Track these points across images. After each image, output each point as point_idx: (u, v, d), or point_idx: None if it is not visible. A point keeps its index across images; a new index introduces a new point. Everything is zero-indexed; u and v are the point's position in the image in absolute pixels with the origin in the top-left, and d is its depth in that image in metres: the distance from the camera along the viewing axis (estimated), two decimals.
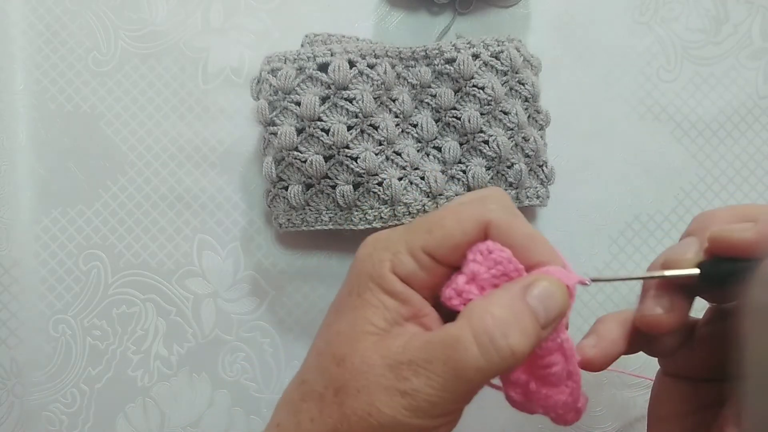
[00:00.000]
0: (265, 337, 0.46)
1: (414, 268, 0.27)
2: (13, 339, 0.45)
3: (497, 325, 0.24)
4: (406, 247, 0.27)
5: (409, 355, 0.25)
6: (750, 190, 0.50)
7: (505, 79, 0.43)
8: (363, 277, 0.27)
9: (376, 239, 0.28)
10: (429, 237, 0.27)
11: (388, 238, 0.28)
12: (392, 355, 0.25)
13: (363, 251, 0.28)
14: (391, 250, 0.27)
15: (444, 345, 0.25)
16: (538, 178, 0.45)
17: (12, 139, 0.47)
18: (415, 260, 0.27)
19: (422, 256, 0.27)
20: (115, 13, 0.49)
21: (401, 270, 0.27)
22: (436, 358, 0.24)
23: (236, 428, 0.46)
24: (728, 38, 0.51)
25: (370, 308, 0.27)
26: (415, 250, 0.27)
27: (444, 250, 0.27)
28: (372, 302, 0.27)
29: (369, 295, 0.27)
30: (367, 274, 0.27)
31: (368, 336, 0.26)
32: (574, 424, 0.40)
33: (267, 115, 0.42)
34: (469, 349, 0.24)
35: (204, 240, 0.47)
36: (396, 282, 0.27)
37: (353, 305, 0.27)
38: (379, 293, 0.27)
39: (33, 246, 0.46)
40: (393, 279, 0.27)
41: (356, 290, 0.27)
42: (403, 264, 0.27)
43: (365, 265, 0.27)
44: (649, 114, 0.50)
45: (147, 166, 0.47)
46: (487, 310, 0.25)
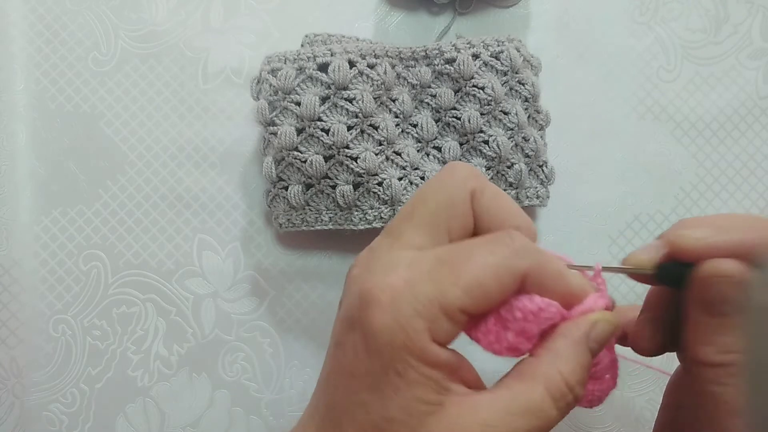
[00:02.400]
0: (265, 337, 0.46)
1: (453, 331, 0.25)
2: (13, 339, 0.45)
3: (570, 382, 0.25)
4: (441, 310, 0.24)
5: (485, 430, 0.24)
6: (750, 190, 0.50)
7: (505, 79, 0.43)
8: (399, 352, 0.24)
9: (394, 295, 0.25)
10: (466, 297, 0.24)
11: (413, 296, 0.24)
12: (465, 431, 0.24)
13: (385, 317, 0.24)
14: (424, 315, 0.24)
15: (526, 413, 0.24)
16: (538, 178, 0.45)
17: (12, 139, 0.47)
18: (453, 323, 0.25)
19: (460, 317, 0.25)
20: (115, 13, 0.49)
21: (442, 337, 0.24)
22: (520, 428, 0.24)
23: (236, 428, 0.46)
24: (728, 38, 0.51)
25: (418, 386, 0.24)
26: (453, 313, 0.24)
27: (482, 308, 0.25)
28: (418, 380, 0.24)
29: (412, 373, 0.24)
30: (404, 349, 0.24)
31: (428, 417, 0.24)
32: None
33: (267, 115, 0.42)
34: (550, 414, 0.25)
35: (204, 240, 0.47)
36: (441, 352, 0.24)
37: (395, 385, 0.24)
38: (423, 368, 0.24)
39: (33, 246, 0.46)
40: (437, 349, 0.24)
41: (394, 368, 0.24)
42: (443, 330, 0.24)
43: (398, 338, 0.24)
44: (649, 114, 0.50)
45: (147, 166, 0.47)
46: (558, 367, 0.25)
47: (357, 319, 0.25)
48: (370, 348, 0.25)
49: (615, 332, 0.27)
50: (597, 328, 0.26)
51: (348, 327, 0.26)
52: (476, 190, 0.27)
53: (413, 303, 0.24)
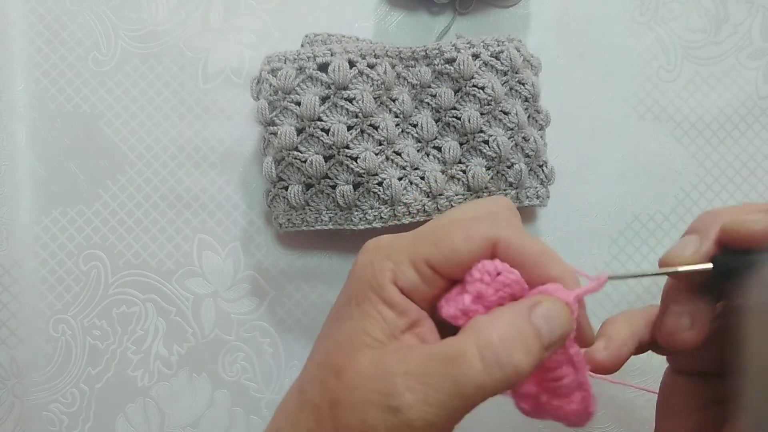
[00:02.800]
0: (265, 337, 0.46)
1: (416, 280, 0.26)
2: (13, 339, 0.45)
3: (502, 342, 0.24)
4: (409, 258, 0.26)
5: (405, 368, 0.24)
6: (750, 190, 0.50)
7: (505, 79, 0.43)
8: (363, 286, 0.27)
9: (377, 245, 0.28)
10: (434, 250, 0.26)
11: (390, 246, 0.27)
12: (388, 369, 0.24)
13: (364, 258, 0.28)
14: (393, 259, 0.27)
15: (445, 359, 0.24)
16: (538, 178, 0.45)
17: (12, 139, 0.47)
18: (417, 272, 0.26)
19: (425, 269, 0.26)
20: (115, 13, 0.49)
21: (403, 281, 0.26)
22: (436, 372, 0.23)
23: (236, 428, 0.46)
24: (728, 38, 0.51)
25: (369, 319, 0.26)
26: (418, 263, 0.26)
27: (449, 266, 0.26)
28: (371, 313, 0.26)
29: (368, 306, 0.26)
30: (367, 283, 0.27)
31: (366, 349, 0.25)
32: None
33: (267, 115, 0.42)
34: (472, 364, 0.23)
35: (204, 240, 0.47)
36: (396, 293, 0.26)
37: (351, 315, 0.27)
38: (379, 304, 0.26)
39: (33, 246, 0.46)
40: (393, 290, 0.26)
41: (355, 299, 0.27)
42: (405, 275, 0.26)
43: (365, 273, 0.27)
44: (649, 114, 0.50)
45: (147, 166, 0.47)
46: (493, 326, 0.24)
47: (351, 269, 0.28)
48: (346, 284, 0.28)
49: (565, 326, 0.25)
50: (543, 306, 0.25)
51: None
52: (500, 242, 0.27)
53: (388, 250, 0.27)
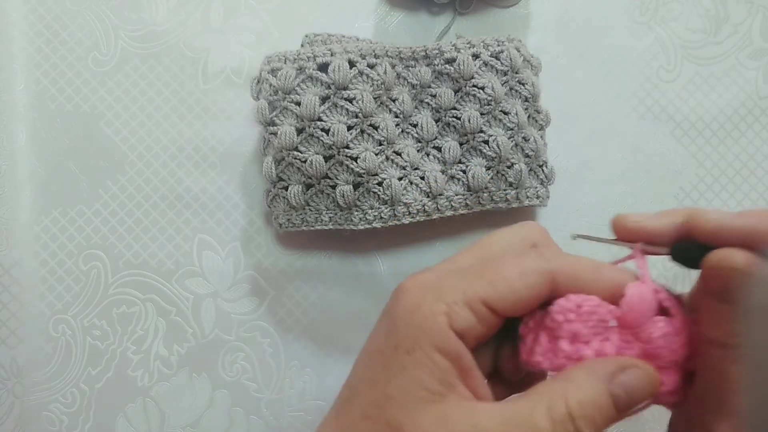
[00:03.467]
0: (265, 337, 0.46)
1: (472, 322, 0.25)
2: (13, 339, 0.45)
3: (576, 417, 0.23)
4: (463, 298, 0.25)
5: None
6: (750, 190, 0.50)
7: (505, 79, 0.43)
8: (413, 331, 0.25)
9: (423, 285, 0.26)
10: (490, 288, 0.25)
11: (440, 286, 0.25)
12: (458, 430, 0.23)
13: (409, 300, 0.26)
14: (445, 300, 0.25)
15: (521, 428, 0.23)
16: (538, 178, 0.45)
17: (12, 139, 0.47)
18: (473, 313, 0.25)
19: (481, 309, 0.25)
20: (115, 13, 0.49)
21: (459, 324, 0.25)
22: None
23: (236, 428, 0.46)
24: (728, 38, 0.51)
25: (423, 369, 0.24)
26: (474, 302, 0.25)
27: (506, 304, 0.25)
28: (425, 362, 0.24)
29: (420, 354, 0.24)
30: (419, 328, 0.24)
31: (425, 404, 0.24)
32: None
33: (267, 115, 0.42)
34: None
35: (204, 240, 0.47)
36: (453, 339, 0.24)
37: (402, 364, 0.25)
38: (433, 352, 0.24)
39: (33, 246, 0.46)
40: (451, 336, 0.24)
41: (404, 346, 0.25)
42: (460, 317, 0.25)
43: (415, 318, 0.25)
44: (649, 114, 0.50)
45: (147, 166, 0.47)
46: (569, 398, 0.24)
47: (387, 307, 0.27)
48: (390, 327, 0.26)
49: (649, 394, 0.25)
50: (627, 374, 0.24)
51: (380, 317, 0.27)
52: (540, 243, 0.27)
53: (437, 291, 0.25)
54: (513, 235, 0.28)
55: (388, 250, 0.47)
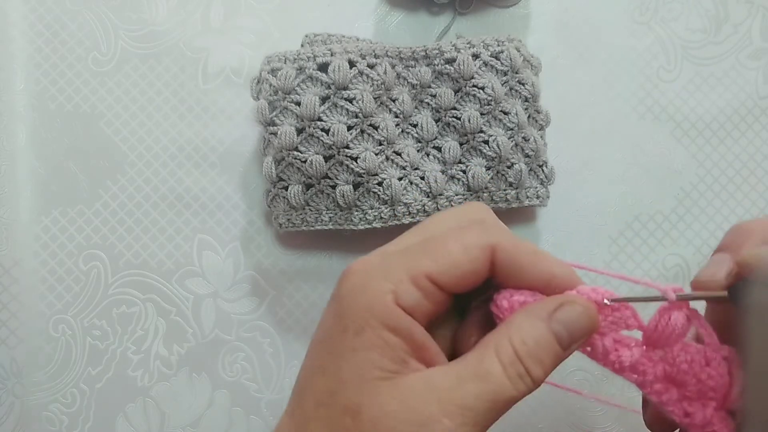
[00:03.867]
0: (265, 337, 0.46)
1: (418, 298, 0.25)
2: (13, 339, 0.45)
3: (523, 357, 0.24)
4: (408, 275, 0.25)
5: (437, 395, 0.23)
6: (750, 190, 0.50)
7: (505, 79, 0.43)
8: (360, 312, 0.25)
9: (367, 267, 0.26)
10: (434, 264, 0.25)
11: (383, 266, 0.25)
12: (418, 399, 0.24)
13: (353, 280, 0.25)
14: (390, 279, 0.25)
15: (475, 378, 0.24)
16: (538, 178, 0.45)
17: (12, 139, 0.47)
18: (419, 289, 0.25)
19: (427, 284, 0.25)
20: (115, 13, 0.49)
21: (405, 300, 0.25)
22: (469, 394, 0.23)
23: (236, 428, 0.46)
24: (728, 38, 0.51)
25: (375, 349, 0.24)
26: (419, 278, 0.25)
27: (450, 278, 0.25)
28: (375, 342, 0.24)
29: (370, 334, 0.24)
30: (366, 308, 0.24)
31: (380, 383, 0.24)
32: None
33: (267, 115, 0.42)
34: (502, 382, 0.24)
35: (204, 240, 0.47)
36: (402, 316, 0.24)
37: (352, 346, 0.24)
38: (382, 330, 0.24)
39: (33, 246, 0.46)
40: (399, 313, 0.24)
41: (353, 327, 0.25)
42: (407, 294, 0.25)
43: (361, 298, 0.25)
44: (649, 114, 0.50)
45: (147, 166, 0.47)
46: (513, 338, 0.24)
47: (334, 291, 0.26)
48: (337, 311, 0.25)
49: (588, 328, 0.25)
50: (564, 311, 0.25)
51: (328, 302, 0.27)
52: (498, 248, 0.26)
53: (382, 270, 0.25)
54: (458, 214, 0.28)
55: None
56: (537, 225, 0.48)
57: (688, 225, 0.49)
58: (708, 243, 0.49)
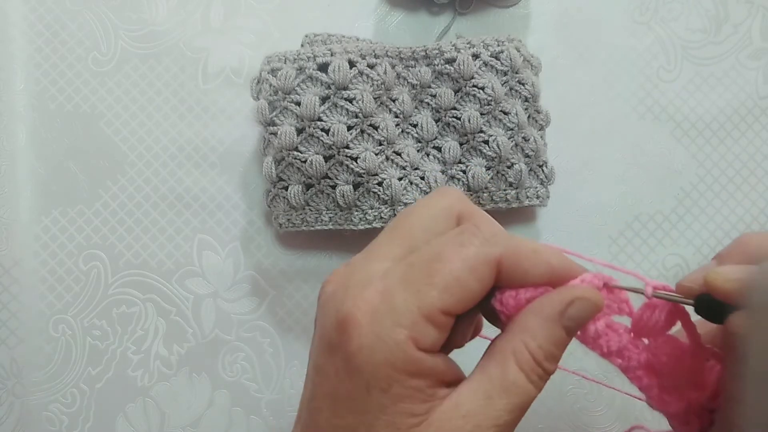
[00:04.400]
0: (265, 337, 0.46)
1: (436, 335, 0.24)
2: (13, 339, 0.45)
3: (542, 360, 0.25)
4: (420, 314, 0.23)
5: (473, 421, 0.24)
6: (750, 190, 0.50)
7: (505, 79, 0.43)
8: (381, 369, 0.23)
9: (371, 310, 0.24)
10: (447, 296, 0.24)
11: (390, 307, 0.24)
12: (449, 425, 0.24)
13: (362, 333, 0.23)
14: (403, 323, 0.23)
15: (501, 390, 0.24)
16: (538, 178, 0.45)
17: (12, 139, 0.47)
18: (435, 326, 0.24)
19: (441, 319, 0.24)
20: (115, 13, 0.49)
21: (425, 344, 0.24)
22: (502, 410, 0.24)
23: (236, 428, 0.46)
24: (728, 38, 0.51)
25: (405, 400, 0.23)
26: (433, 316, 0.24)
27: (463, 305, 0.24)
28: (404, 394, 0.23)
29: (398, 388, 0.23)
30: (386, 364, 0.23)
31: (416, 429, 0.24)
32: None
33: (267, 115, 0.42)
34: (527, 389, 0.25)
35: (204, 240, 0.47)
36: (426, 360, 0.24)
37: (381, 404, 0.23)
38: (409, 380, 0.23)
39: (33, 246, 0.46)
40: (421, 357, 0.23)
41: (378, 386, 0.23)
42: (426, 336, 0.24)
43: (378, 355, 0.23)
44: (649, 114, 0.50)
45: (147, 166, 0.47)
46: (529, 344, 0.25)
47: (337, 343, 0.24)
48: (351, 370, 0.24)
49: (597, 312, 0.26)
50: (575, 307, 0.25)
51: (328, 351, 0.25)
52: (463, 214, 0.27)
53: (391, 315, 0.23)
54: (433, 210, 0.27)
55: None
56: (537, 225, 0.48)
57: (688, 225, 0.49)
58: (708, 243, 0.49)
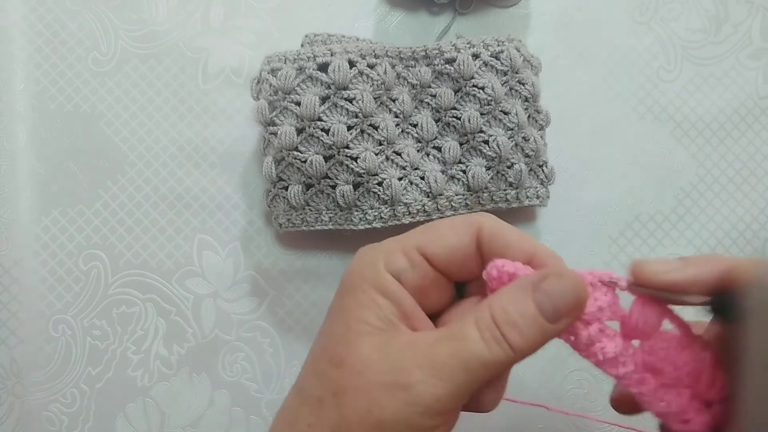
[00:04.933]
0: (265, 337, 0.46)
1: (406, 266, 0.27)
2: (13, 339, 0.45)
3: (500, 323, 0.25)
4: (399, 247, 0.27)
5: (414, 350, 0.25)
6: (750, 190, 0.50)
7: (505, 79, 0.43)
8: (355, 278, 0.27)
9: (371, 246, 0.29)
10: (422, 237, 0.28)
11: (381, 243, 0.28)
12: (396, 352, 0.25)
13: (356, 257, 0.29)
14: (383, 250, 0.28)
15: (451, 338, 0.25)
16: (538, 178, 0.45)
17: (12, 139, 0.47)
18: (407, 259, 0.27)
19: (415, 255, 0.27)
20: (115, 13, 0.49)
21: (394, 267, 0.27)
22: (443, 351, 0.25)
23: (236, 428, 0.46)
24: (728, 38, 0.51)
25: (364, 308, 0.26)
26: (408, 249, 0.27)
27: (437, 249, 0.27)
28: (365, 302, 0.26)
29: (361, 295, 0.27)
30: (359, 274, 0.27)
31: (365, 336, 0.26)
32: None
33: (267, 115, 0.42)
34: (475, 343, 0.24)
35: (204, 240, 0.47)
36: (390, 281, 0.27)
37: (346, 306, 0.27)
38: (372, 292, 0.27)
39: (33, 246, 0.46)
40: (387, 277, 0.27)
41: (347, 290, 0.27)
42: (396, 262, 0.27)
43: (358, 267, 0.28)
44: (649, 114, 0.50)
45: (147, 166, 0.47)
46: (493, 306, 0.25)
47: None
48: (340, 284, 0.28)
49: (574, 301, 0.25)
50: (549, 282, 0.25)
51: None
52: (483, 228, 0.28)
53: (378, 247, 0.28)
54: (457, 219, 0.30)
55: None
56: (537, 225, 0.48)
57: (688, 225, 0.49)
58: (708, 243, 0.49)
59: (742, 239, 0.49)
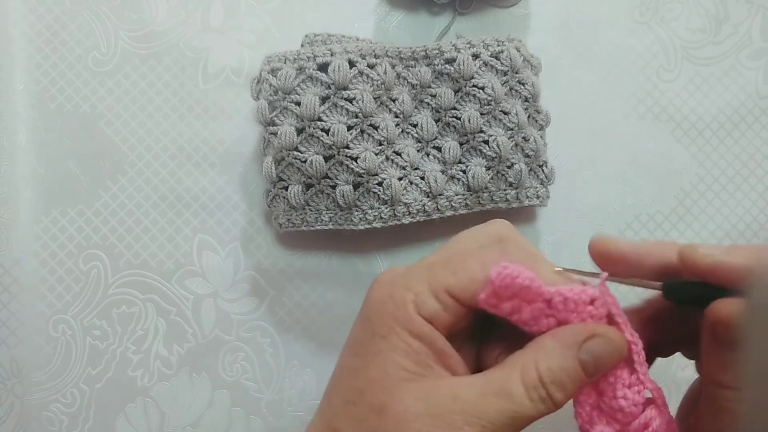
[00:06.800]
0: (265, 337, 0.46)
1: (437, 309, 0.27)
2: (13, 339, 0.45)
3: (547, 383, 0.25)
4: (429, 288, 0.27)
5: (461, 405, 0.25)
6: (750, 190, 0.50)
7: (505, 79, 0.43)
8: (386, 319, 0.27)
9: (393, 278, 0.28)
10: (453, 279, 0.27)
11: (408, 277, 0.28)
12: (440, 404, 0.25)
13: (380, 291, 0.28)
14: (413, 290, 0.27)
15: (497, 394, 0.25)
16: (538, 178, 0.45)
17: (12, 139, 0.47)
18: (438, 301, 0.27)
19: (445, 297, 0.27)
20: (115, 13, 0.49)
21: (425, 311, 0.27)
22: (491, 409, 0.25)
23: (236, 428, 0.46)
24: (728, 38, 0.51)
25: (399, 352, 0.26)
26: (438, 292, 0.27)
27: (468, 292, 0.27)
28: (400, 346, 0.26)
29: (395, 339, 0.26)
30: (391, 316, 0.27)
31: (405, 383, 0.26)
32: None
33: (267, 115, 0.42)
34: (523, 402, 0.25)
35: (204, 240, 0.47)
36: (423, 324, 0.26)
37: (378, 349, 0.27)
38: (406, 336, 0.26)
39: (33, 246, 0.46)
40: (420, 321, 0.26)
41: (380, 332, 0.27)
42: (426, 305, 0.27)
43: (387, 307, 0.27)
44: (649, 114, 0.50)
45: (147, 166, 0.47)
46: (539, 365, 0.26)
47: (364, 299, 0.29)
48: (364, 318, 0.28)
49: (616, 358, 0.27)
50: (593, 342, 0.26)
51: (359, 311, 0.29)
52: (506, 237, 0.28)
53: (406, 281, 0.27)
54: (480, 233, 0.30)
55: (388, 250, 0.47)
56: (537, 225, 0.48)
57: (688, 225, 0.49)
58: (708, 243, 0.49)
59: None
